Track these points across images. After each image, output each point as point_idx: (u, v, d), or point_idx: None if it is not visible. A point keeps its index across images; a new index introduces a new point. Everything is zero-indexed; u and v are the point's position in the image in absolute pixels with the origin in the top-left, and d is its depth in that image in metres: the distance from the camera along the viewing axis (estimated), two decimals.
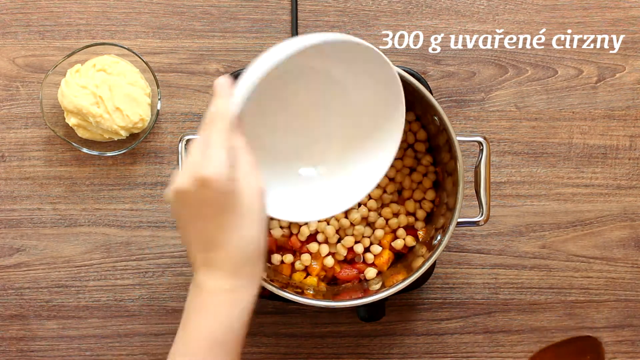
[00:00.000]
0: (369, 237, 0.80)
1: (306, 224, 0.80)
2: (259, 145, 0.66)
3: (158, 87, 0.84)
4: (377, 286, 0.77)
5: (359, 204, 0.80)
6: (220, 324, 0.58)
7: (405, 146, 0.81)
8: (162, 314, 0.88)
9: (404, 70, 0.73)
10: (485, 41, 0.88)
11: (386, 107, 0.68)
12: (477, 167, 0.75)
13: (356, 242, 0.80)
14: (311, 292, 0.77)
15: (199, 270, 0.59)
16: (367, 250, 0.80)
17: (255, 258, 0.58)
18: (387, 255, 0.80)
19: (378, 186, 0.79)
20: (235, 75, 0.82)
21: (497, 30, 0.88)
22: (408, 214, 0.81)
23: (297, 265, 0.80)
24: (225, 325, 0.58)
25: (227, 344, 0.58)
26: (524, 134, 0.88)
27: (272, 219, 0.79)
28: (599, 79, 0.89)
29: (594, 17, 0.89)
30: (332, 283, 0.81)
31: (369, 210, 0.80)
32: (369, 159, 0.71)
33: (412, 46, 0.88)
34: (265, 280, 0.73)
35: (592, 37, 0.89)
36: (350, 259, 0.81)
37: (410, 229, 0.81)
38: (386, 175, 0.78)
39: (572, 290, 0.89)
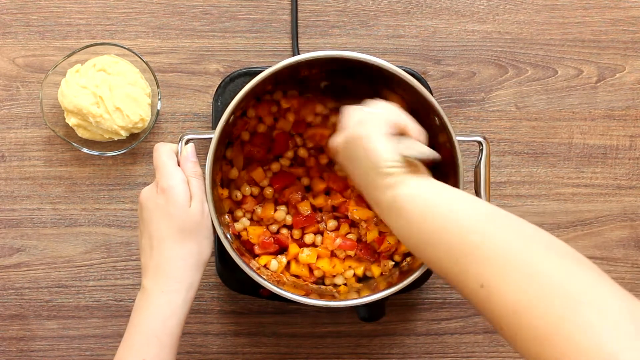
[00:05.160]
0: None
1: None
2: None
3: (158, 87, 0.84)
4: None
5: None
6: (155, 320, 0.66)
7: None
8: None
9: (404, 70, 0.73)
10: (485, 41, 0.88)
11: None
12: (477, 167, 0.75)
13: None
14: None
15: (146, 275, 0.69)
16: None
17: (194, 267, 0.69)
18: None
19: None
20: (232, 78, 0.83)
21: (497, 30, 0.88)
22: None
23: None
24: (160, 322, 0.66)
25: (161, 338, 0.66)
26: (524, 134, 0.88)
27: None
28: (599, 79, 0.89)
29: (594, 17, 0.89)
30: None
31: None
32: None
33: (412, 46, 0.88)
34: (265, 280, 0.73)
35: (592, 37, 0.89)
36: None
37: None
38: None
39: None
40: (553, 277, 0.48)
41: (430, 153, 0.64)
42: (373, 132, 0.64)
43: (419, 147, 0.64)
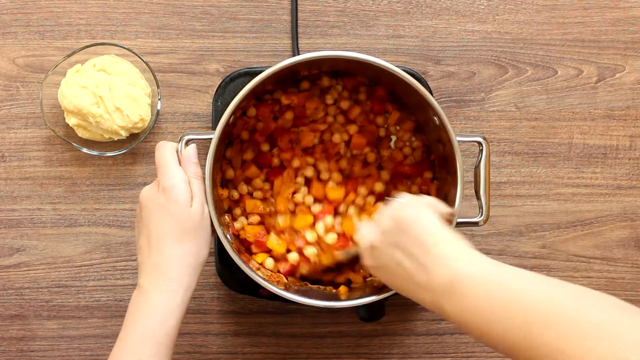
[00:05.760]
0: None
1: None
2: None
3: (158, 87, 0.84)
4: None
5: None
6: (152, 320, 0.66)
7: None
8: None
9: (404, 71, 0.73)
10: (485, 41, 0.88)
11: None
12: (477, 167, 0.75)
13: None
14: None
15: (143, 274, 0.68)
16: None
17: (192, 268, 0.69)
18: None
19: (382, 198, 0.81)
20: (232, 78, 0.83)
21: (497, 30, 0.88)
22: None
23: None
24: (158, 322, 0.66)
25: (158, 338, 0.66)
26: (524, 134, 0.88)
27: None
28: (599, 79, 0.89)
29: (594, 17, 0.89)
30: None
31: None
32: None
33: (412, 46, 0.88)
34: (264, 280, 0.73)
35: (592, 37, 0.89)
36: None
37: None
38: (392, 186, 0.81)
39: None
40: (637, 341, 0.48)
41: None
42: (419, 210, 0.62)
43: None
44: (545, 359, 0.51)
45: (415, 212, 0.62)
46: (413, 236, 0.61)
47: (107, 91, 0.81)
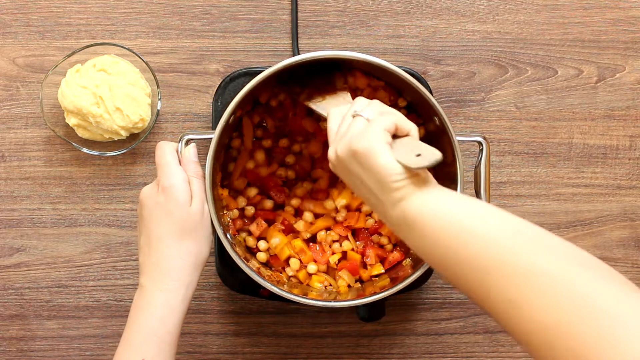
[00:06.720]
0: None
1: None
2: None
3: (158, 87, 0.84)
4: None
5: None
6: (154, 319, 0.67)
7: None
8: None
9: (404, 70, 0.73)
10: (485, 41, 0.88)
11: None
12: (477, 167, 0.75)
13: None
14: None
15: (144, 274, 0.69)
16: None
17: (193, 266, 0.69)
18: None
19: None
20: (232, 78, 0.83)
21: (497, 30, 0.88)
22: None
23: None
24: (159, 320, 0.66)
25: (160, 336, 0.66)
26: (524, 134, 0.89)
27: None
28: (599, 79, 0.89)
29: (594, 17, 0.89)
30: None
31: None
32: None
33: (412, 46, 0.88)
34: (265, 280, 0.73)
35: (592, 37, 0.89)
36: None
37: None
38: None
39: None
40: (586, 294, 0.47)
41: (434, 157, 0.58)
42: (374, 144, 0.59)
43: (424, 153, 0.59)
44: (493, 304, 0.51)
45: (368, 146, 0.59)
46: (368, 171, 0.59)
47: (107, 91, 0.81)
